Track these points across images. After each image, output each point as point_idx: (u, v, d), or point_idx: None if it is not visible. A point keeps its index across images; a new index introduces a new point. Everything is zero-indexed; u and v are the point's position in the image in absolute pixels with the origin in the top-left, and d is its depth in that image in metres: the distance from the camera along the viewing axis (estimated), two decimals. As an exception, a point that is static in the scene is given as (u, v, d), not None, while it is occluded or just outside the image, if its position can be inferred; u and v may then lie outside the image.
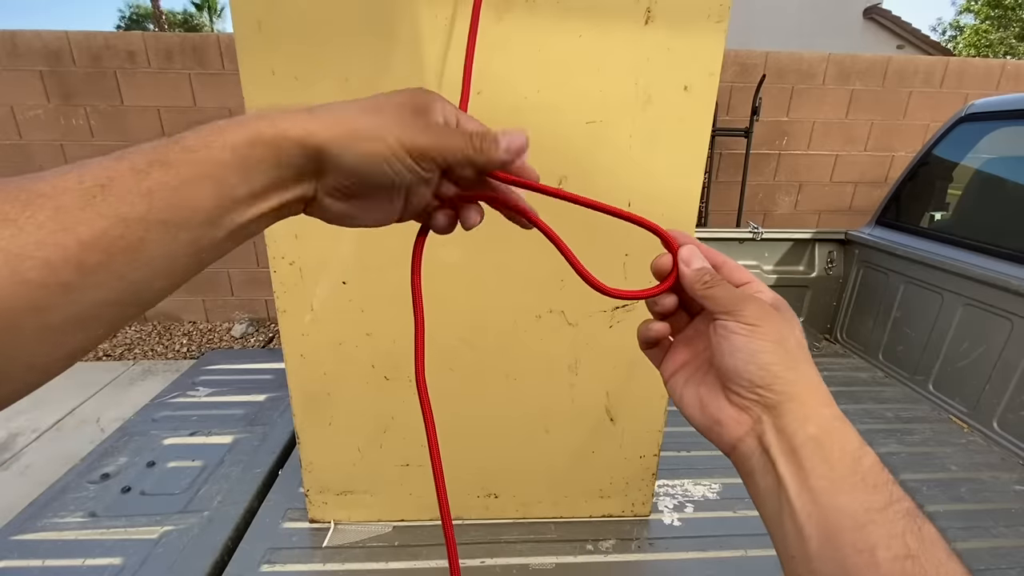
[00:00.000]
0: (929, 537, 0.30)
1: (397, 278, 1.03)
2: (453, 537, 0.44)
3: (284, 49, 0.86)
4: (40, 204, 0.24)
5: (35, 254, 0.24)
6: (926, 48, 11.49)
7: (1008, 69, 4.22)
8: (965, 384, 1.86)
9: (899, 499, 0.31)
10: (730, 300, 0.38)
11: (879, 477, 0.32)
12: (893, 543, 0.29)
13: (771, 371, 0.36)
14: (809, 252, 2.52)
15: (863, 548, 0.30)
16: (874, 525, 0.30)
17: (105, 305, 0.27)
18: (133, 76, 3.66)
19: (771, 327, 0.37)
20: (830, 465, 0.33)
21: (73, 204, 0.25)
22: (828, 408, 0.36)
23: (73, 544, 1.15)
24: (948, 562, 0.29)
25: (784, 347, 0.36)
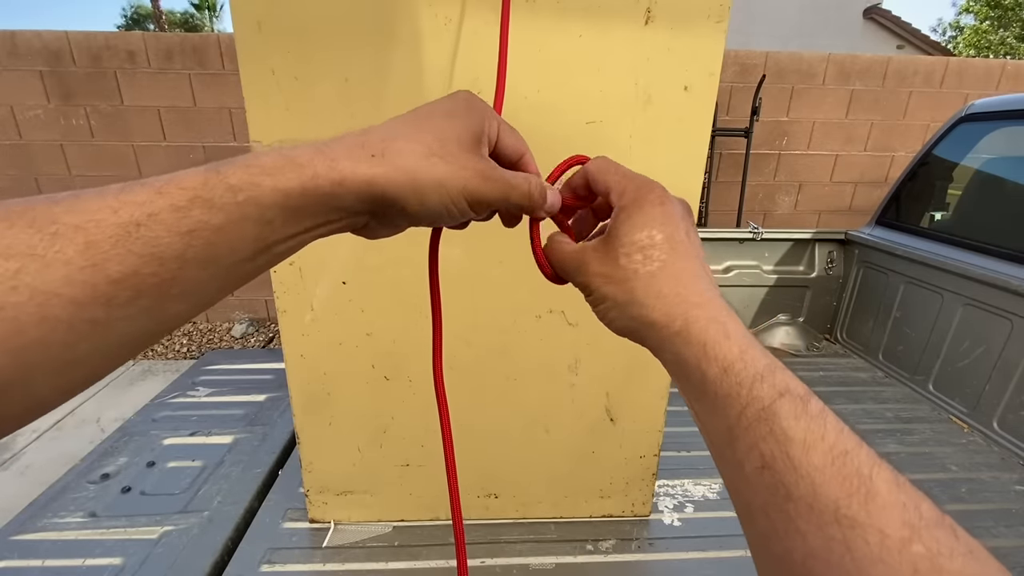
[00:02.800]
0: (784, 437, 0.26)
1: (397, 278, 1.03)
2: (463, 535, 0.44)
3: (284, 49, 0.86)
4: (70, 237, 0.23)
5: (62, 291, 0.23)
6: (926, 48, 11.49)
7: (1008, 69, 4.22)
8: (965, 384, 1.86)
9: (749, 403, 0.28)
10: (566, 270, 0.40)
11: (727, 385, 0.29)
12: (751, 455, 0.27)
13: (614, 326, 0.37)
14: (809, 252, 2.52)
15: (733, 463, 0.29)
16: (735, 440, 0.28)
17: (131, 336, 0.26)
18: (133, 76, 3.66)
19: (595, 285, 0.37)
20: (690, 385, 0.32)
21: (105, 240, 0.24)
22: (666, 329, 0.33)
23: (73, 544, 1.15)
24: (806, 460, 0.25)
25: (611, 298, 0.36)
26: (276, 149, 0.30)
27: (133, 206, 0.25)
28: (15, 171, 3.81)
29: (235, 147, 3.86)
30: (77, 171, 3.84)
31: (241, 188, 0.27)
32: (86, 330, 0.24)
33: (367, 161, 0.31)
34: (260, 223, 0.28)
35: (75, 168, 3.84)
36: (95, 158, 3.83)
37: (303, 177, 0.29)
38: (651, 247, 0.34)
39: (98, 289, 0.24)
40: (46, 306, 0.22)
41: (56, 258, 0.23)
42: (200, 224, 0.26)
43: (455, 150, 0.34)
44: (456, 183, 0.33)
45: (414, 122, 0.34)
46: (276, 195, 0.28)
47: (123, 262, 0.24)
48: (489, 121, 0.37)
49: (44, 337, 0.23)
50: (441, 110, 0.35)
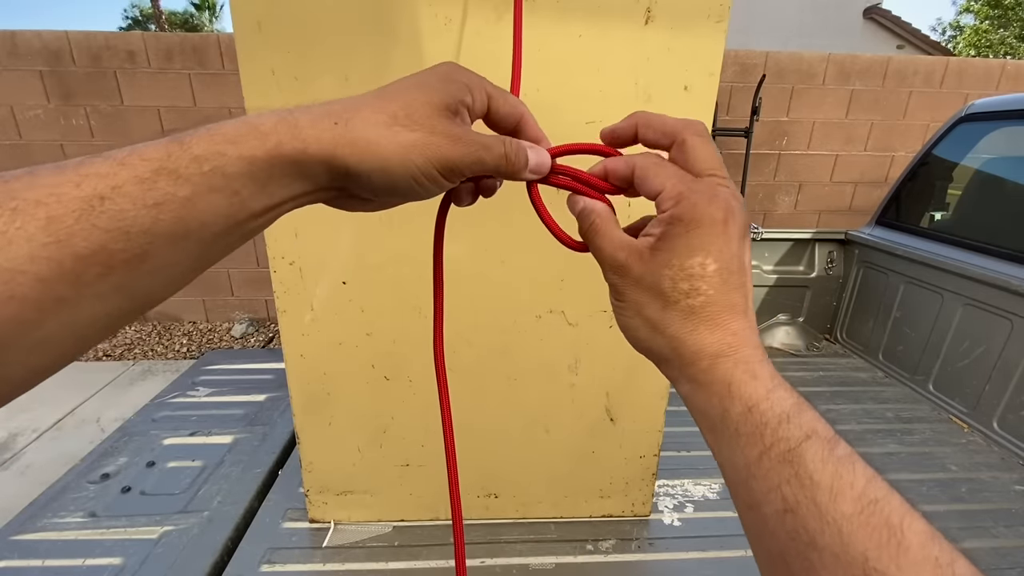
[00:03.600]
0: (810, 481, 0.25)
1: (397, 278, 1.03)
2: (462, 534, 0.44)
3: (284, 49, 0.86)
4: (31, 213, 0.22)
5: (27, 268, 0.22)
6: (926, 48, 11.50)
7: (1008, 69, 4.22)
8: (965, 384, 1.86)
9: (773, 444, 0.27)
10: (600, 264, 0.36)
11: (750, 424, 0.29)
12: (772, 498, 0.26)
13: (636, 345, 0.35)
14: (809, 252, 2.52)
15: (751, 505, 0.28)
16: (754, 480, 0.27)
17: (104, 315, 0.25)
18: (133, 76, 3.66)
19: (630, 297, 0.34)
20: (708, 420, 0.31)
21: (68, 214, 0.23)
22: (692, 365, 0.32)
23: (73, 544, 1.15)
24: (833, 507, 0.24)
25: (642, 317, 0.34)
26: (241, 118, 0.29)
27: (95, 178, 0.24)
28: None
29: (235, 147, 3.86)
30: (77, 171, 3.84)
31: (206, 158, 0.27)
32: (54, 308, 0.23)
33: (330, 130, 0.30)
34: (228, 194, 0.27)
35: (75, 168, 3.84)
36: (95, 158, 3.83)
37: (267, 145, 0.28)
38: (701, 278, 0.32)
39: (64, 266, 0.23)
40: (11, 284, 0.22)
41: (18, 235, 0.22)
42: (167, 196, 0.25)
43: (422, 117, 0.32)
44: (422, 150, 0.32)
45: (383, 93, 0.33)
46: (241, 163, 0.27)
47: (89, 237, 0.23)
48: (474, 90, 0.35)
49: (12, 316, 0.22)
50: (413, 81, 0.34)
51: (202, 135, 0.27)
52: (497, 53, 0.88)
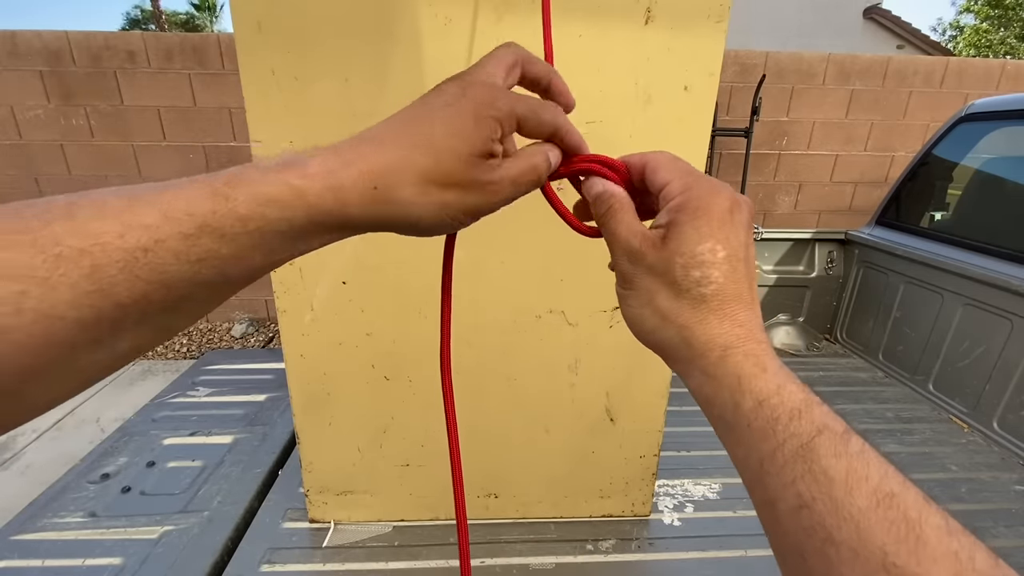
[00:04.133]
0: (824, 476, 0.25)
1: (397, 278, 1.03)
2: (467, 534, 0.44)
3: (284, 49, 0.86)
4: (75, 261, 0.22)
5: (67, 315, 0.22)
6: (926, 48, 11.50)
7: (1008, 69, 4.22)
8: (965, 384, 1.86)
9: (785, 439, 0.27)
10: (611, 250, 0.36)
11: (761, 419, 0.28)
12: (786, 494, 0.26)
13: (643, 337, 0.35)
14: (809, 252, 2.52)
15: (765, 501, 0.28)
16: (768, 476, 0.27)
17: (133, 349, 0.26)
18: (133, 76, 3.66)
19: (640, 285, 0.34)
20: (717, 415, 0.31)
21: (111, 264, 0.23)
22: (703, 357, 0.32)
23: (73, 544, 1.15)
24: (848, 501, 0.24)
25: (651, 306, 0.34)
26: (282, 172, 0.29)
27: (140, 230, 0.24)
28: (15, 171, 3.81)
29: (235, 147, 3.86)
30: (77, 171, 3.84)
31: (251, 219, 0.27)
32: (90, 349, 0.24)
33: (371, 193, 0.30)
34: (267, 251, 0.28)
35: (75, 168, 3.84)
36: (95, 158, 3.83)
37: (312, 213, 0.29)
38: (711, 264, 0.32)
39: (104, 313, 0.23)
40: (51, 330, 0.22)
41: (61, 281, 0.22)
42: (209, 254, 0.26)
43: (457, 173, 0.32)
44: (456, 205, 0.33)
45: (417, 139, 0.32)
46: (283, 224, 0.28)
47: (132, 288, 0.24)
48: (504, 124, 0.33)
49: (51, 358, 0.22)
50: (448, 123, 0.32)
51: (246, 195, 0.27)
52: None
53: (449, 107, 0.32)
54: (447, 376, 0.44)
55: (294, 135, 0.91)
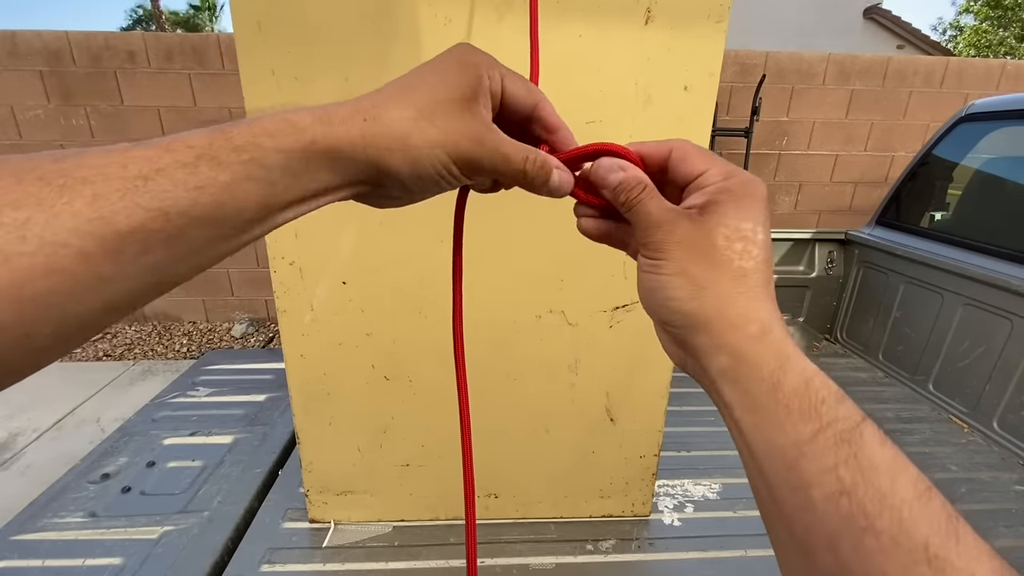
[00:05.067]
0: (869, 463, 0.25)
1: (397, 278, 1.03)
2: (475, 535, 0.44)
3: (284, 49, 0.86)
4: (78, 190, 0.23)
5: (70, 242, 0.23)
6: (926, 48, 11.49)
7: (1008, 69, 4.22)
8: (965, 384, 1.86)
9: (831, 422, 0.26)
10: (642, 227, 0.34)
11: (806, 400, 0.27)
12: (825, 479, 0.25)
13: (669, 306, 0.33)
14: (809, 252, 2.52)
15: (798, 487, 0.26)
16: (805, 460, 0.26)
17: (134, 293, 0.26)
18: (133, 76, 3.66)
19: (675, 254, 0.33)
20: (749, 396, 0.29)
21: (113, 192, 0.24)
22: (739, 330, 0.30)
23: (73, 544, 1.15)
24: (892, 491, 0.24)
25: (687, 275, 0.32)
26: (277, 113, 0.31)
27: (141, 160, 0.25)
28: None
29: (235, 147, 3.86)
30: (77, 171, 3.84)
31: (245, 148, 0.28)
32: (93, 284, 0.24)
33: (359, 126, 0.31)
34: (265, 183, 0.29)
35: (75, 168, 3.84)
36: (95, 158, 3.83)
37: (303, 140, 0.30)
38: (753, 242, 0.32)
39: (106, 241, 0.24)
40: (54, 257, 0.22)
41: (64, 209, 0.23)
42: (207, 180, 0.27)
43: (446, 111, 0.33)
44: (446, 146, 0.33)
45: (405, 84, 0.34)
46: (278, 156, 0.29)
47: (131, 216, 0.24)
48: (489, 72, 0.35)
49: (52, 288, 0.23)
50: (433, 70, 0.35)
51: (242, 128, 0.29)
52: (498, 53, 0.88)
53: (438, 61, 0.35)
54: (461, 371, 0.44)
55: (294, 135, 0.91)
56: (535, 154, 0.36)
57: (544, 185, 0.37)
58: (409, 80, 0.34)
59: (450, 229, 0.43)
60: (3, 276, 0.21)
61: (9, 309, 0.22)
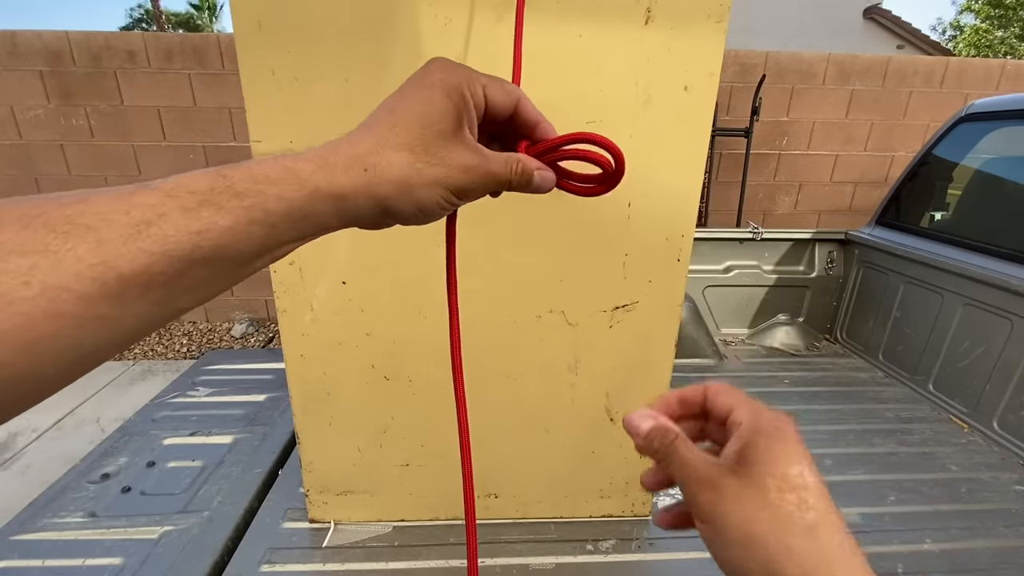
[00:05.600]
0: None
1: (397, 278, 1.03)
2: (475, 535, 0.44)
3: (284, 49, 0.86)
4: (82, 236, 0.24)
5: (72, 287, 0.23)
6: (926, 48, 11.49)
7: (1008, 69, 4.22)
8: (965, 384, 1.86)
9: None
10: (683, 484, 0.33)
11: None
12: None
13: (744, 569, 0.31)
14: (809, 252, 2.52)
15: None
16: None
17: (137, 330, 0.27)
18: (133, 76, 3.66)
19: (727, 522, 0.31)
20: None
21: (117, 238, 0.25)
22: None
23: (73, 544, 1.15)
24: None
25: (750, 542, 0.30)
26: (278, 159, 0.31)
27: (144, 207, 0.26)
28: (15, 171, 3.81)
29: (235, 147, 3.86)
30: (77, 171, 3.84)
31: (246, 194, 0.29)
32: (95, 326, 0.25)
33: (362, 176, 0.32)
34: (265, 227, 0.30)
35: (75, 168, 3.84)
36: (95, 158, 3.83)
37: (305, 190, 0.31)
38: (805, 490, 0.30)
39: (108, 286, 0.24)
40: (56, 301, 0.23)
41: (68, 255, 0.23)
42: (209, 225, 0.27)
43: (440, 147, 0.35)
44: (444, 183, 0.35)
45: (396, 122, 0.35)
46: (280, 203, 0.30)
47: (134, 260, 0.25)
48: (471, 88, 0.36)
49: (55, 333, 0.23)
50: (417, 98, 0.35)
51: (243, 173, 0.29)
52: (497, 53, 0.88)
53: (417, 91, 0.36)
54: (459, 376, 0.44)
55: (294, 135, 0.91)
56: (516, 163, 0.38)
57: (527, 187, 0.39)
58: (398, 115, 0.35)
59: None
60: (7, 320, 0.22)
61: (13, 351, 0.22)
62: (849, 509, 1.34)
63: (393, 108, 0.35)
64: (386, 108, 0.36)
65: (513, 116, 0.39)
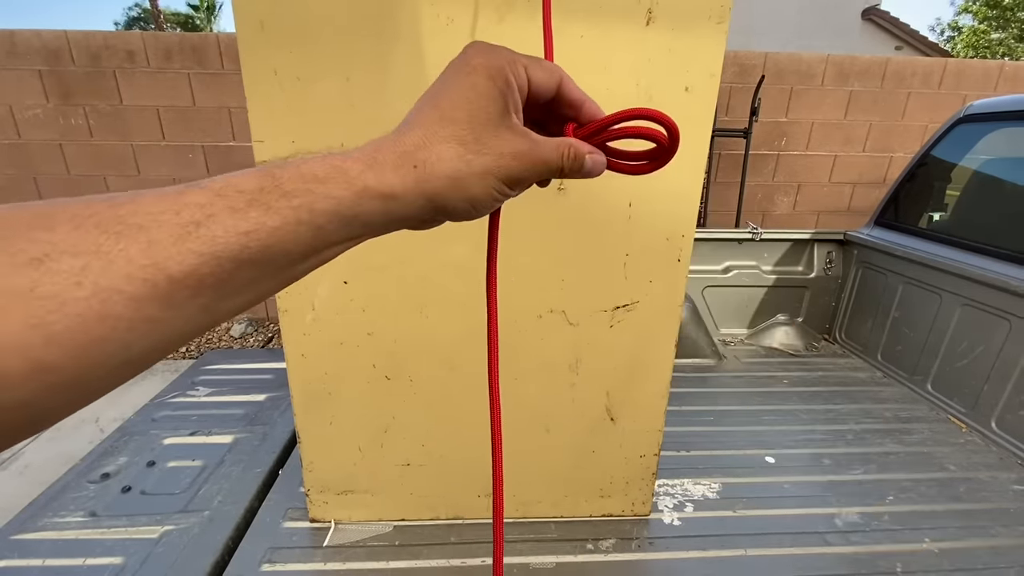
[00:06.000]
0: None
1: (399, 277, 1.03)
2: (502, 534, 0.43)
3: (286, 49, 0.86)
4: (133, 237, 0.24)
5: (124, 288, 0.23)
6: (924, 49, 11.52)
7: (1006, 70, 4.23)
8: (963, 384, 1.87)
9: None
10: None
11: None
12: None
13: None
14: (808, 252, 2.53)
15: None
16: None
17: (185, 333, 0.27)
18: (132, 76, 3.65)
19: None
20: None
21: (167, 239, 0.24)
22: None
23: (73, 544, 1.15)
24: None
25: None
26: (326, 157, 0.31)
27: (194, 207, 0.26)
28: (14, 170, 3.81)
29: (234, 147, 3.86)
30: (76, 171, 3.84)
31: (295, 194, 0.28)
32: (144, 329, 0.25)
33: (412, 174, 0.32)
34: (313, 227, 0.29)
35: (74, 168, 3.83)
36: (94, 158, 3.82)
37: (354, 188, 0.30)
38: None
39: (158, 287, 0.24)
40: (108, 303, 0.23)
41: (119, 256, 0.23)
42: (257, 225, 0.27)
43: (489, 135, 0.34)
44: (496, 172, 0.34)
45: (442, 111, 0.34)
46: (329, 202, 0.29)
47: (183, 261, 0.25)
48: (514, 70, 0.35)
49: (105, 335, 0.23)
50: (463, 84, 0.34)
51: (291, 172, 0.29)
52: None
53: (461, 76, 0.34)
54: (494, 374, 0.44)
55: (296, 134, 0.91)
56: (567, 148, 0.37)
57: (578, 173, 0.38)
58: (443, 106, 0.34)
59: (451, 229, 0.44)
60: (59, 321, 0.22)
61: (63, 352, 0.22)
62: (848, 509, 1.34)
63: (437, 98, 0.34)
64: (429, 99, 0.35)
65: (556, 97, 0.38)
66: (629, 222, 1.00)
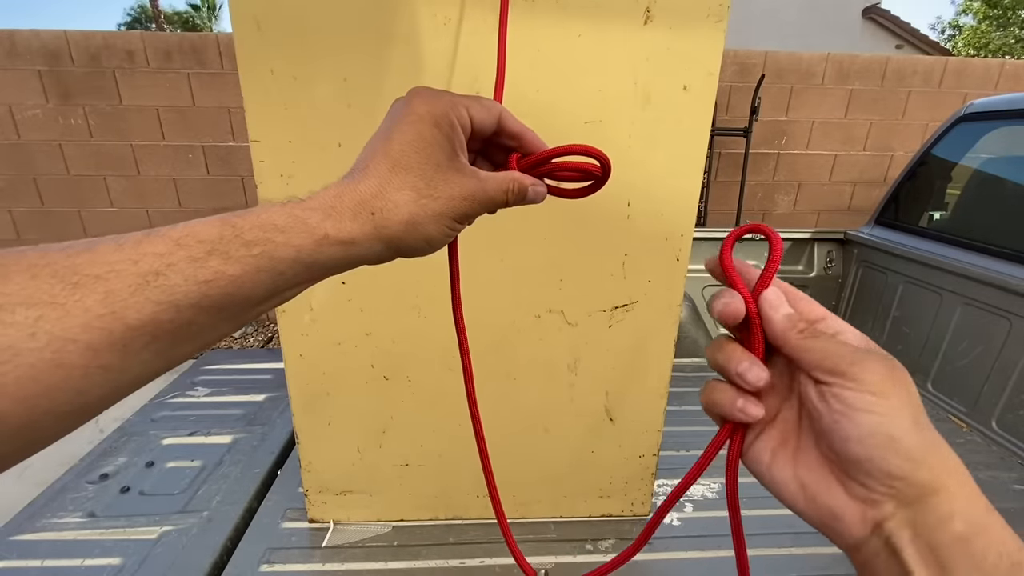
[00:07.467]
0: None
1: (396, 278, 1.03)
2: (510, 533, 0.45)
3: (283, 49, 0.86)
4: (90, 287, 0.24)
5: (79, 338, 0.23)
6: (925, 48, 11.50)
7: (1007, 69, 4.23)
8: (964, 383, 1.86)
9: None
10: (842, 358, 0.31)
11: None
12: None
13: (913, 459, 0.28)
14: (808, 252, 2.53)
15: None
16: None
17: (140, 378, 0.27)
18: (132, 76, 3.66)
19: (901, 396, 0.29)
20: (982, 571, 0.27)
21: (124, 288, 0.24)
22: (979, 500, 0.30)
23: (72, 544, 1.15)
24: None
25: (919, 423, 0.29)
26: (285, 206, 0.31)
27: (152, 257, 0.26)
28: (13, 171, 3.81)
29: (233, 147, 3.86)
30: (76, 171, 3.84)
31: (255, 243, 0.29)
32: (99, 377, 0.24)
33: (371, 221, 0.33)
34: (274, 274, 0.30)
35: (74, 168, 3.83)
36: (94, 158, 3.82)
37: (315, 237, 0.31)
38: None
39: (114, 335, 0.24)
40: (62, 352, 0.23)
41: (76, 306, 0.23)
42: (217, 274, 0.27)
43: (440, 180, 0.35)
44: (449, 213, 0.36)
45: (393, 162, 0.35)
46: (289, 250, 0.30)
47: (141, 310, 0.25)
48: (457, 114, 0.36)
49: (59, 384, 0.23)
50: (411, 137, 0.35)
51: (251, 220, 0.29)
52: (496, 53, 0.88)
53: (405, 122, 0.36)
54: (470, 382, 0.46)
55: (293, 134, 0.91)
56: (511, 183, 0.39)
57: (521, 202, 0.41)
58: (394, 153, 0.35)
59: None
60: (11, 372, 0.22)
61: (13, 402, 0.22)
62: (848, 508, 1.34)
63: (388, 146, 0.35)
64: (380, 146, 0.36)
65: (497, 131, 0.40)
66: (628, 221, 1.00)
